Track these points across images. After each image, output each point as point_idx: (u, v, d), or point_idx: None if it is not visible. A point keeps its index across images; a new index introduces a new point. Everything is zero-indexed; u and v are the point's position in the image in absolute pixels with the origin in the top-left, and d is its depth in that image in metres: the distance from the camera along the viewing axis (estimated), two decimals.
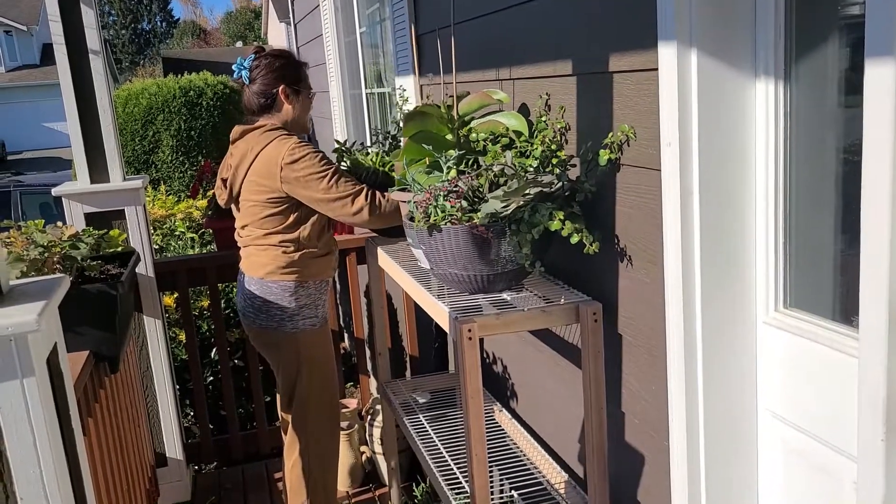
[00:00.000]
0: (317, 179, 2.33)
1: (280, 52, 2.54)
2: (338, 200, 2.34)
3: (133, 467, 2.65)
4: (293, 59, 2.51)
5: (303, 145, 2.38)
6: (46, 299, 1.28)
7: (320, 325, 2.54)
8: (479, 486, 1.84)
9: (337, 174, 2.36)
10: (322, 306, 2.55)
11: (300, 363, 2.50)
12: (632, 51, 1.62)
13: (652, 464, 1.79)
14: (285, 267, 2.42)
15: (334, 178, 2.35)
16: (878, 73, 1.08)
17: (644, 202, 1.66)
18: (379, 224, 2.41)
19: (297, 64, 2.51)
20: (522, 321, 1.83)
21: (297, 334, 2.47)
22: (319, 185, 2.33)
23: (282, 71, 2.43)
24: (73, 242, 2.23)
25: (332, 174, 2.35)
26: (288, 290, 2.44)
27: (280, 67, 2.44)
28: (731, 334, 1.56)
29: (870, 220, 1.13)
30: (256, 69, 2.44)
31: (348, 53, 4.90)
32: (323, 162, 2.37)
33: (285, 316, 2.45)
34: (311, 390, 2.53)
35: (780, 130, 1.46)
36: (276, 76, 2.42)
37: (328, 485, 2.63)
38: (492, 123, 2.15)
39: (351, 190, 2.35)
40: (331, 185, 2.34)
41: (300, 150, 2.35)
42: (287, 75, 2.44)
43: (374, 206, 2.36)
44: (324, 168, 2.35)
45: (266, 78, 2.42)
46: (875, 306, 1.14)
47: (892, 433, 1.15)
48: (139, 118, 8.73)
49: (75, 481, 1.40)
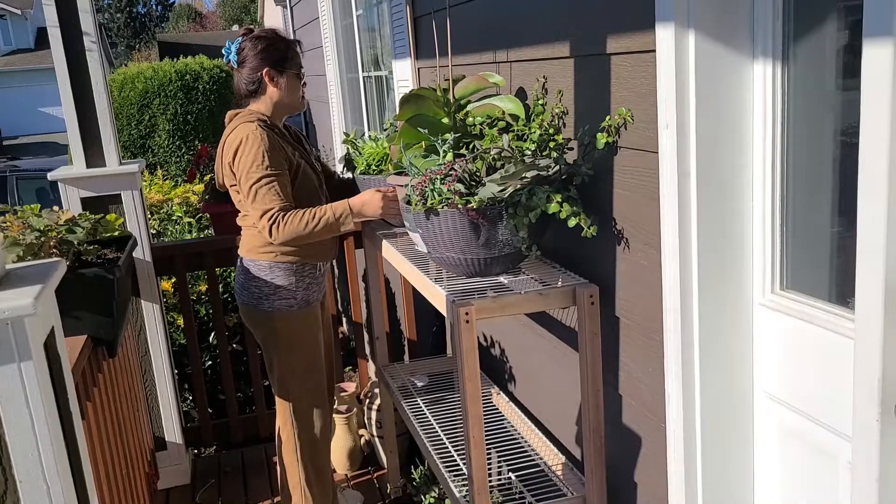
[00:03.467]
0: (245, 178, 2.29)
1: (265, 32, 2.45)
2: (255, 209, 2.29)
3: (132, 451, 2.66)
4: (277, 39, 2.43)
5: (253, 138, 2.30)
6: (43, 283, 1.28)
7: (298, 308, 2.49)
8: (476, 468, 1.85)
9: (264, 183, 2.28)
10: (303, 289, 2.50)
11: (277, 344, 2.50)
12: (629, 32, 1.61)
13: (649, 445, 1.80)
14: (260, 247, 2.45)
15: (260, 184, 2.28)
16: (876, 54, 1.08)
17: (641, 185, 1.66)
18: (286, 239, 2.33)
19: (282, 43, 2.43)
20: (519, 304, 1.84)
21: (272, 314, 2.47)
22: (246, 186, 2.29)
23: (264, 53, 2.39)
24: (69, 227, 2.22)
25: (259, 179, 2.28)
26: (263, 270, 2.46)
27: (263, 49, 2.39)
28: (727, 316, 1.56)
29: (866, 201, 1.13)
30: (243, 52, 2.42)
31: (345, 37, 4.87)
32: (259, 165, 2.28)
33: (262, 295, 2.47)
34: (289, 372, 2.51)
35: (778, 113, 1.45)
36: (260, 59, 2.39)
37: (320, 467, 2.62)
38: (488, 107, 2.14)
39: (263, 207, 2.28)
40: (253, 190, 2.28)
41: (247, 144, 2.30)
42: (270, 57, 2.38)
43: (276, 230, 2.27)
44: (257, 170, 2.28)
45: (251, 62, 2.40)
46: (871, 288, 1.14)
47: (887, 414, 1.16)
48: (135, 102, 8.69)
49: (74, 465, 1.41)
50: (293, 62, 2.44)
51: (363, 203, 2.33)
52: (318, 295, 2.60)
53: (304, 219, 2.29)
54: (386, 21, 3.66)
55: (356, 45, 4.58)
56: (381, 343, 3.02)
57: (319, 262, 2.56)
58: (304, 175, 2.45)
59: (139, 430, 2.89)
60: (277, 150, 2.33)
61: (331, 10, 4.88)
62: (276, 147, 2.33)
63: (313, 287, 2.55)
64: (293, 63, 2.44)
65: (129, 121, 8.70)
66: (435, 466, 2.30)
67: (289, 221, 2.28)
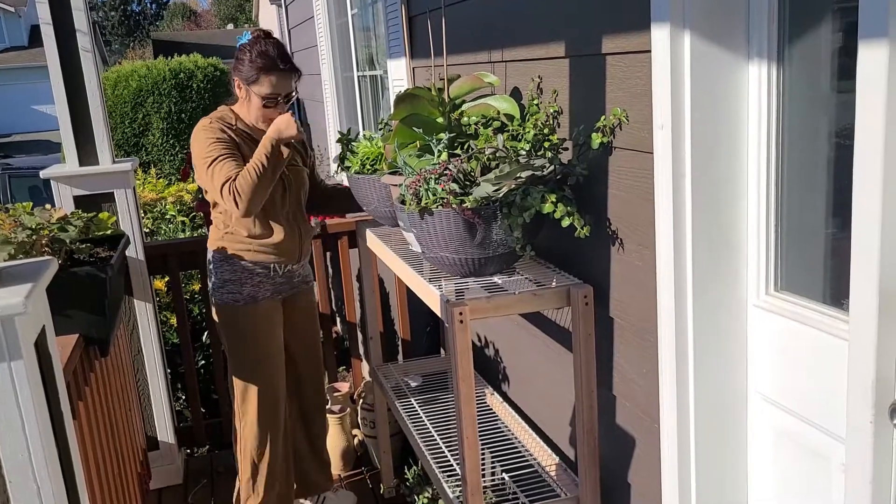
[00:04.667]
0: (201, 165, 2.34)
1: (253, 44, 2.38)
2: (215, 189, 2.31)
3: (125, 451, 2.64)
4: (258, 58, 2.36)
5: (202, 129, 2.37)
6: (34, 282, 1.27)
7: (244, 303, 2.51)
8: (470, 469, 1.85)
9: (217, 162, 2.31)
10: (251, 286, 2.51)
11: (225, 335, 2.57)
12: (625, 32, 1.61)
13: (642, 446, 1.80)
14: (215, 240, 2.53)
15: (214, 164, 2.31)
16: (871, 55, 1.08)
17: (636, 185, 1.65)
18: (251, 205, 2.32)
19: (261, 62, 2.35)
20: (513, 304, 1.83)
21: (221, 306, 2.54)
22: (203, 172, 2.34)
23: (240, 64, 2.39)
24: (61, 225, 2.21)
25: (213, 161, 2.31)
26: (215, 262, 2.53)
27: (240, 60, 2.39)
28: (722, 317, 1.56)
29: (861, 203, 1.13)
30: (238, 50, 2.44)
31: (340, 36, 4.86)
32: (210, 146, 2.33)
33: (215, 286, 2.55)
34: (236, 365, 2.56)
35: (773, 113, 1.45)
36: (236, 66, 2.41)
37: (266, 465, 2.59)
38: (483, 107, 2.14)
39: (220, 182, 2.29)
40: (209, 172, 2.32)
41: (196, 134, 2.37)
42: (242, 69, 2.38)
43: (238, 199, 2.28)
44: (208, 154, 2.32)
45: (235, 63, 2.42)
46: (865, 290, 1.14)
47: (881, 415, 1.16)
48: (129, 101, 8.66)
49: (65, 464, 1.40)
50: (260, 86, 2.38)
51: (277, 129, 2.34)
52: (275, 294, 2.58)
53: (249, 171, 2.29)
54: (381, 20, 3.65)
55: (351, 44, 4.57)
56: (375, 343, 3.02)
57: (273, 263, 2.54)
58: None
59: (131, 430, 2.88)
60: (225, 140, 2.36)
61: (325, 9, 4.87)
62: (226, 140, 2.36)
63: (265, 285, 2.54)
64: (260, 87, 2.38)
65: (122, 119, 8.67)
66: (428, 467, 2.29)
67: (240, 184, 2.29)
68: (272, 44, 2.39)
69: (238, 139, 2.41)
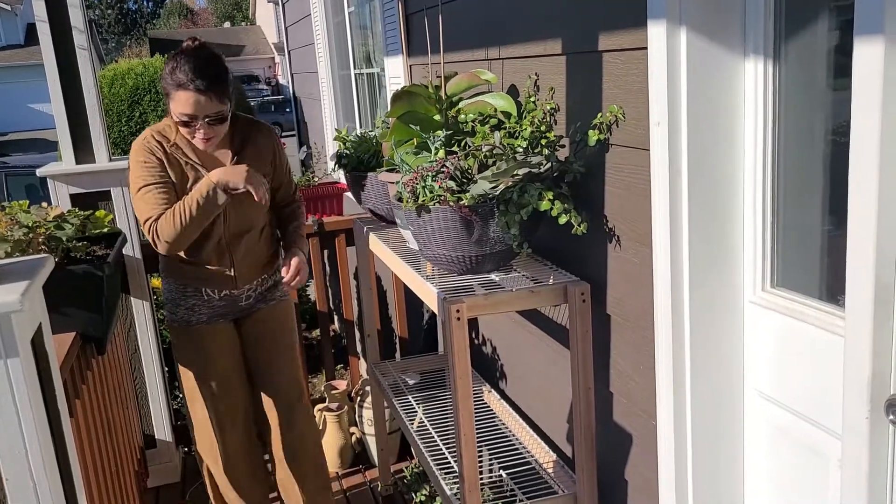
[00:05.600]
0: (131, 188, 2.25)
1: (172, 57, 2.17)
2: (141, 222, 2.21)
3: (122, 448, 2.64)
4: (168, 73, 2.14)
5: (135, 149, 2.23)
6: (30, 279, 1.26)
7: (179, 325, 2.42)
8: (467, 466, 1.85)
9: (140, 194, 2.19)
10: (185, 309, 2.40)
11: (173, 353, 2.53)
12: (621, 29, 1.61)
13: (639, 443, 1.80)
14: (161, 257, 2.40)
15: (137, 196, 2.21)
16: (867, 52, 1.08)
17: (633, 182, 1.66)
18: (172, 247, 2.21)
19: (167, 81, 2.15)
20: (510, 301, 1.83)
21: (167, 323, 2.48)
22: (132, 195, 2.25)
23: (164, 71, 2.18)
24: (58, 223, 2.21)
25: (137, 191, 2.20)
26: (162, 279, 2.47)
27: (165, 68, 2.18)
28: (718, 314, 1.56)
29: (857, 200, 1.13)
30: None
31: (337, 34, 4.85)
32: (136, 176, 2.21)
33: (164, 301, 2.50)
34: (182, 381, 2.50)
35: (769, 110, 1.46)
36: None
37: (220, 485, 2.57)
38: (480, 104, 2.14)
39: (142, 219, 2.19)
40: (133, 203, 2.24)
41: (131, 152, 2.25)
42: (162, 81, 2.19)
43: (158, 239, 2.18)
44: (134, 182, 2.22)
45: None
46: (861, 286, 1.15)
47: (877, 411, 1.16)
48: (125, 99, 8.64)
49: (62, 461, 1.40)
50: (173, 103, 2.16)
51: (222, 176, 2.19)
52: (214, 319, 2.43)
53: (175, 214, 2.16)
54: (378, 17, 3.65)
55: (348, 41, 4.57)
56: (373, 340, 3.02)
57: (203, 287, 2.39)
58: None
59: (129, 428, 2.88)
60: (152, 164, 2.21)
61: (322, 6, 4.86)
62: (153, 164, 2.21)
63: (200, 309, 2.41)
64: (173, 104, 2.16)
65: (119, 117, 8.65)
66: (426, 464, 2.29)
67: (162, 226, 2.17)
68: (193, 59, 2.12)
69: (173, 157, 2.24)
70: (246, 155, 2.34)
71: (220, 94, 2.15)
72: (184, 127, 2.18)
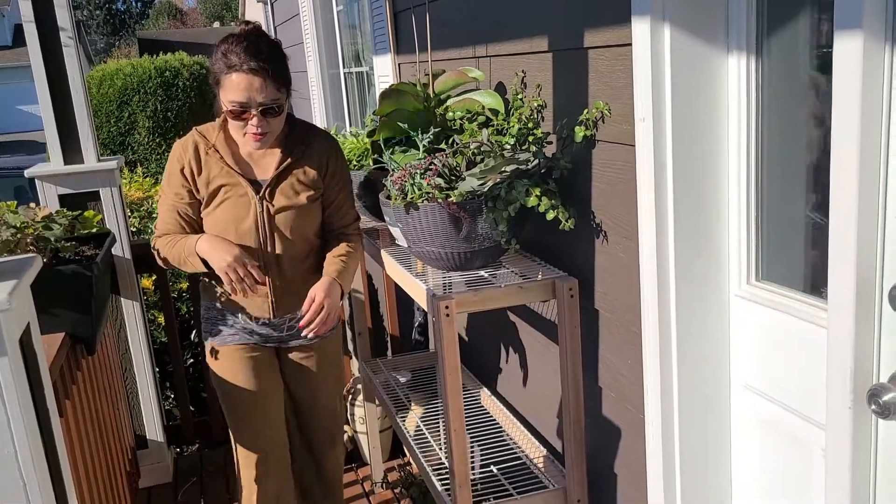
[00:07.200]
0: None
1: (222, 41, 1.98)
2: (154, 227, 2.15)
3: (113, 449, 2.64)
4: (220, 57, 1.96)
5: (173, 149, 2.12)
6: (17, 278, 1.27)
7: (212, 339, 2.20)
8: (457, 461, 1.86)
9: (162, 202, 2.13)
10: (223, 327, 2.19)
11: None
12: (607, 26, 1.62)
13: (628, 437, 1.82)
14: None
15: (160, 204, 2.14)
16: (846, 47, 1.09)
17: (619, 178, 1.67)
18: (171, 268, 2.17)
19: (218, 65, 1.97)
20: (499, 298, 1.84)
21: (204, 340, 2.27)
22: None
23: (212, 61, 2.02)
24: (46, 224, 2.20)
25: (160, 199, 2.14)
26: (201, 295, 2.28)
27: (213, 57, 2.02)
28: (704, 308, 1.57)
29: (838, 192, 1.14)
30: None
31: (326, 32, 4.85)
32: (165, 177, 2.12)
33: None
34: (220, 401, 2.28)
35: (752, 105, 1.47)
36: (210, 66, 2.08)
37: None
38: (468, 101, 2.15)
39: (156, 232, 2.13)
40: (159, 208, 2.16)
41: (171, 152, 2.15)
42: (211, 71, 2.03)
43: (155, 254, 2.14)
44: (161, 187, 2.14)
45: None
46: (843, 278, 1.16)
47: (859, 401, 1.18)
48: (114, 99, 8.62)
49: (52, 461, 1.40)
50: (224, 91, 1.97)
51: (212, 250, 2.01)
52: (249, 343, 2.19)
53: (168, 247, 2.08)
54: (366, 16, 3.65)
55: (337, 40, 4.57)
56: (364, 339, 3.02)
57: (239, 312, 2.17)
58: (224, 204, 2.08)
59: (120, 428, 2.87)
60: (176, 174, 2.07)
61: (311, 5, 4.86)
62: (177, 175, 2.07)
63: (235, 333, 2.18)
64: (224, 92, 1.97)
65: (108, 118, 8.62)
66: (417, 461, 2.30)
67: (160, 246, 2.11)
68: (245, 40, 1.95)
69: (210, 160, 2.06)
70: (297, 161, 2.11)
71: (276, 79, 1.95)
72: (235, 119, 1.98)
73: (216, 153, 2.07)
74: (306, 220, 2.13)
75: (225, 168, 2.07)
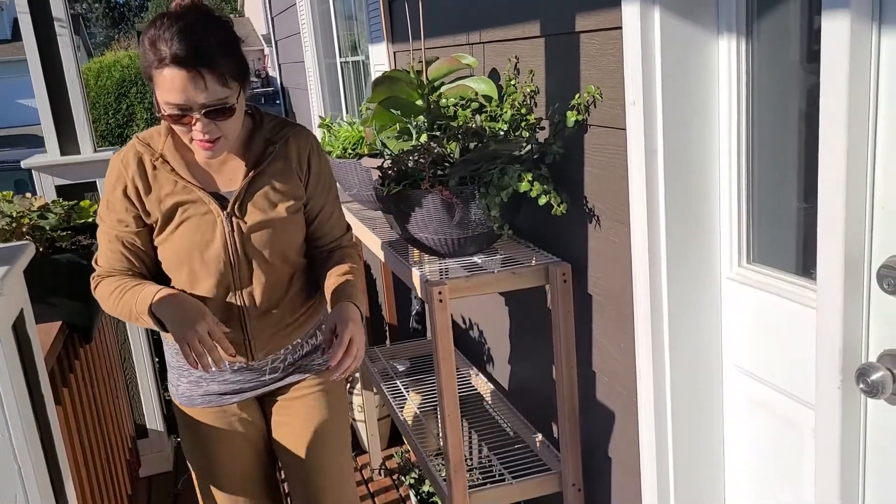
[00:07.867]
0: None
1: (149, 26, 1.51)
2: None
3: (112, 438, 2.65)
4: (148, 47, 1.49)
5: (110, 166, 1.68)
6: (9, 264, 1.27)
7: (179, 401, 1.81)
8: (452, 446, 1.87)
9: (100, 231, 1.70)
10: (186, 382, 1.78)
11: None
12: (597, 10, 1.62)
13: (622, 420, 1.82)
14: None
15: (98, 234, 1.71)
16: (833, 27, 1.09)
17: (611, 162, 1.67)
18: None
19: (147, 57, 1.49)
20: (493, 283, 1.85)
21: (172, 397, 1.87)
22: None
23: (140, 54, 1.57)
24: (42, 213, 2.21)
25: (98, 228, 1.71)
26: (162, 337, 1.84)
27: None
28: (696, 291, 1.58)
29: (826, 175, 1.15)
30: None
31: (322, 22, 4.84)
32: (102, 201, 1.69)
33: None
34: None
35: (743, 88, 1.47)
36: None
37: None
38: (461, 88, 2.15)
39: (95, 267, 1.73)
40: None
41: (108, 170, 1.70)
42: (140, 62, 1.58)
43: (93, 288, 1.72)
44: (99, 211, 1.70)
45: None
46: (831, 259, 1.16)
47: (848, 381, 1.18)
48: (112, 91, 8.62)
49: (47, 446, 1.41)
50: (157, 89, 1.51)
51: (173, 316, 1.56)
52: (224, 396, 1.78)
53: (110, 299, 1.65)
54: (361, 5, 3.64)
55: (333, 30, 4.57)
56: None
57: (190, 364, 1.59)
58: (182, 227, 1.64)
59: (119, 417, 2.89)
60: (115, 200, 1.63)
61: None
62: (116, 202, 1.64)
63: (208, 384, 1.77)
64: (157, 91, 1.51)
65: (106, 110, 8.63)
66: (414, 448, 2.31)
67: (100, 291, 1.68)
68: (178, 21, 1.47)
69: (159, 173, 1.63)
70: (270, 165, 1.68)
71: (221, 72, 1.48)
72: (176, 124, 1.53)
73: (166, 164, 1.63)
74: (288, 237, 1.72)
75: (179, 182, 1.63)
